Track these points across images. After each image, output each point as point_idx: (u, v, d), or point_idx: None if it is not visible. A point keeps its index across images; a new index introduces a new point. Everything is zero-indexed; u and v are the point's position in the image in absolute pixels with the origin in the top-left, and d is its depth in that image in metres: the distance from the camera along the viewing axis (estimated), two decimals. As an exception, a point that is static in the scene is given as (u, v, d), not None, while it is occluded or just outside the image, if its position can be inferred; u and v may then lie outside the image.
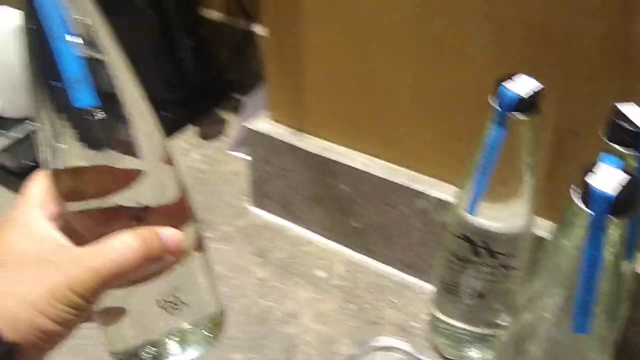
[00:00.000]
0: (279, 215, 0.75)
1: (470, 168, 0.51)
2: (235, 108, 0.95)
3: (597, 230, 0.37)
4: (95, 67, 0.32)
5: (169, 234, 0.37)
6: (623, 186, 0.36)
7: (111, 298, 0.37)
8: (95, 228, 0.36)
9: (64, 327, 0.34)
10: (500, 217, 0.52)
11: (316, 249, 0.72)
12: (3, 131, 0.85)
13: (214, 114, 0.94)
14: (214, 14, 0.93)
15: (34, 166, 0.76)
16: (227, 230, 0.74)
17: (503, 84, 0.46)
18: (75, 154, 0.35)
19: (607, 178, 0.37)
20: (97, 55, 0.32)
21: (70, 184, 0.36)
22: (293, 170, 0.70)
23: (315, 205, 0.71)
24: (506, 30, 0.51)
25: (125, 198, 0.36)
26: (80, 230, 0.37)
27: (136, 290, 0.38)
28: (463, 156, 0.59)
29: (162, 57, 0.86)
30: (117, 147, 0.35)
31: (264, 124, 0.71)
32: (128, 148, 0.35)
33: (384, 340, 0.57)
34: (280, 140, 0.69)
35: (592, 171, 0.37)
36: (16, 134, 0.84)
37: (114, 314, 0.38)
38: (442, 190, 0.62)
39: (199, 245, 0.41)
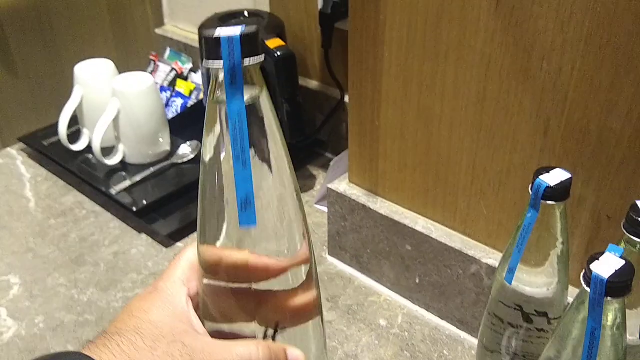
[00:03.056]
0: (351, 266, 0.85)
1: (511, 241, 0.59)
2: (325, 166, 1.06)
3: (595, 306, 0.44)
4: (269, 185, 0.36)
5: (295, 356, 0.40)
6: (616, 270, 0.43)
7: None
8: (224, 308, 0.40)
9: None
10: (536, 284, 0.59)
11: (382, 300, 0.80)
12: (126, 174, 1.00)
13: (305, 170, 1.05)
14: (313, 83, 1.06)
15: (150, 205, 0.91)
16: (305, 275, 0.85)
17: (539, 175, 0.54)
18: (231, 236, 0.38)
19: (607, 264, 0.44)
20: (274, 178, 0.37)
21: (219, 262, 0.39)
22: (365, 227, 0.80)
23: (383, 260, 0.80)
24: (551, 127, 0.59)
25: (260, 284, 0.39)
26: (210, 306, 0.40)
27: None
28: (512, 229, 0.67)
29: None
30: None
31: (343, 186, 0.81)
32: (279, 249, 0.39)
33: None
34: (356, 201, 0.79)
35: (597, 258, 0.45)
36: (137, 177, 0.99)
37: None
38: (493, 258, 0.69)
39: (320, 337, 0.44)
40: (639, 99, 0.53)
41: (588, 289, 0.44)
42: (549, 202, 0.54)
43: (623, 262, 0.45)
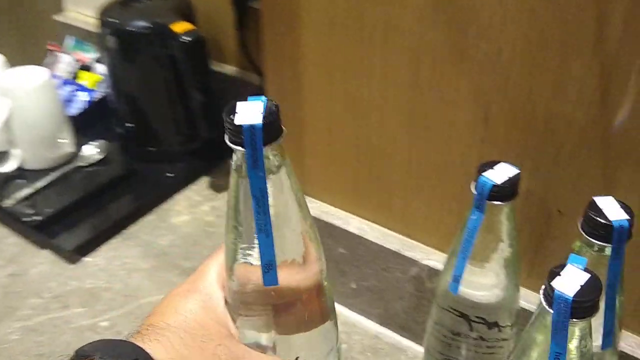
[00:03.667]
0: (281, 273, 0.77)
1: (454, 244, 0.52)
2: (248, 159, 0.97)
3: (559, 330, 0.38)
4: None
5: None
6: (582, 287, 0.37)
7: None
8: (242, 309, 0.41)
9: None
10: (484, 290, 0.53)
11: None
12: (23, 182, 0.89)
13: (227, 166, 0.96)
14: (228, 68, 0.96)
15: (52, 216, 0.81)
16: (230, 286, 0.76)
17: (483, 172, 0.47)
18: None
19: (570, 280, 0.38)
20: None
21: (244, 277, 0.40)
22: (294, 231, 0.72)
23: (315, 265, 0.73)
24: (492, 114, 0.53)
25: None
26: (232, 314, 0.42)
27: None
28: (453, 227, 0.61)
29: (176, 111, 0.89)
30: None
31: (266, 185, 0.73)
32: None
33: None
34: (282, 202, 0.71)
35: (558, 273, 0.38)
36: (36, 185, 0.88)
37: None
38: (434, 259, 0.63)
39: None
40: (590, 80, 0.47)
41: (550, 310, 0.38)
42: (496, 203, 0.47)
43: (588, 276, 0.38)
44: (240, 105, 0.35)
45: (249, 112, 0.34)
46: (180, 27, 0.80)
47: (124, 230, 0.85)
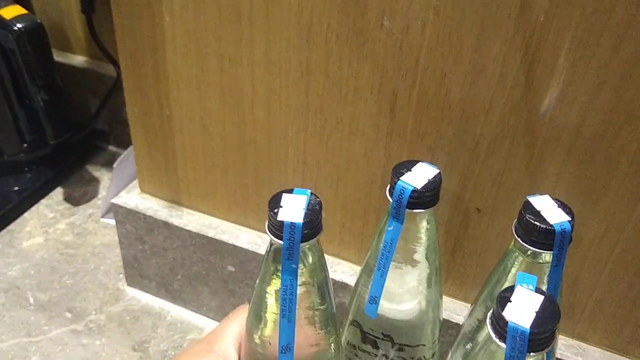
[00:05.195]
0: (159, 297, 0.66)
1: (368, 258, 0.45)
2: (109, 163, 0.84)
3: (515, 369, 0.31)
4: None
5: None
6: (538, 314, 0.31)
7: None
8: None
9: None
10: (404, 306, 0.46)
11: (203, 336, 0.63)
12: None
13: (84, 172, 0.83)
14: (76, 59, 0.83)
15: None
16: (97, 319, 0.64)
17: (399, 175, 0.39)
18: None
19: (524, 306, 0.31)
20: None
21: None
22: (171, 249, 0.61)
23: (200, 286, 0.62)
24: (399, 103, 0.45)
25: None
26: None
27: None
28: (358, 233, 0.53)
29: (14, 113, 0.74)
30: None
31: (133, 198, 0.61)
32: None
33: None
34: (153, 217, 0.60)
35: (509, 298, 0.32)
36: None
37: None
38: (339, 270, 0.55)
39: None
40: (512, 60, 0.40)
41: (501, 344, 0.31)
42: (417, 210, 0.40)
43: (541, 298, 0.32)
44: (285, 198, 0.36)
45: (292, 207, 0.36)
46: (10, 11, 0.66)
47: (-41, 262, 0.70)
